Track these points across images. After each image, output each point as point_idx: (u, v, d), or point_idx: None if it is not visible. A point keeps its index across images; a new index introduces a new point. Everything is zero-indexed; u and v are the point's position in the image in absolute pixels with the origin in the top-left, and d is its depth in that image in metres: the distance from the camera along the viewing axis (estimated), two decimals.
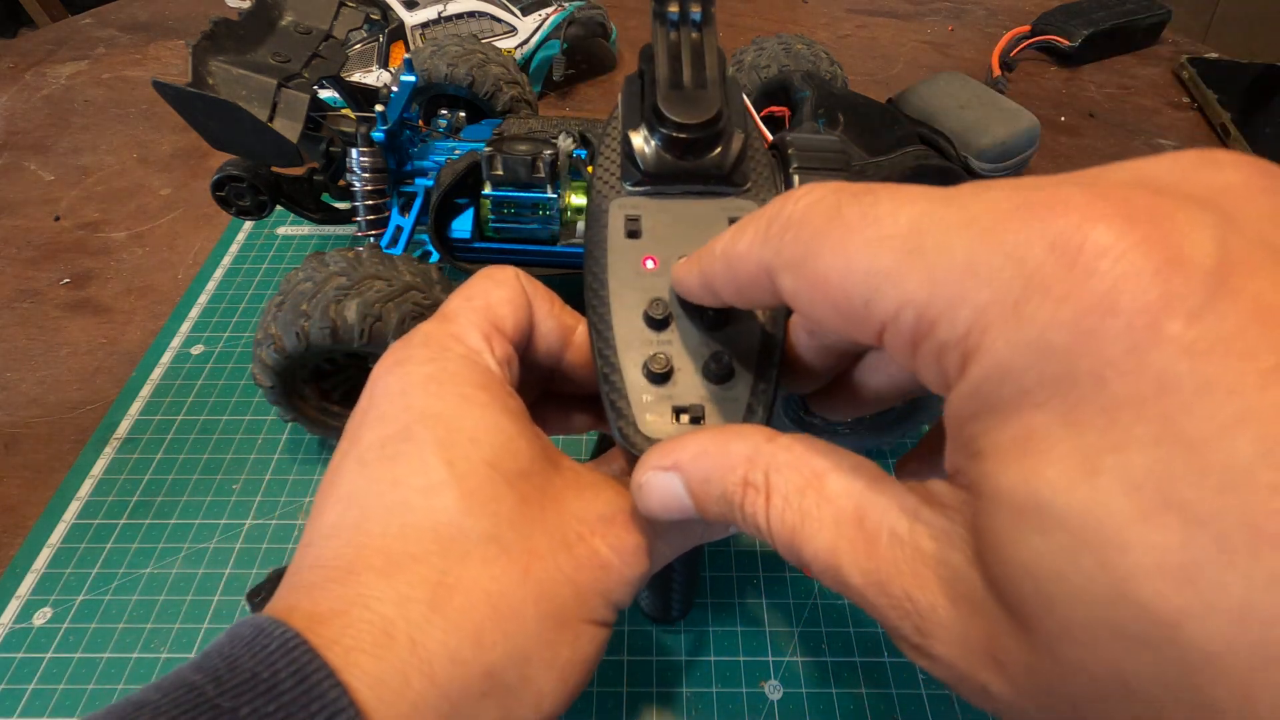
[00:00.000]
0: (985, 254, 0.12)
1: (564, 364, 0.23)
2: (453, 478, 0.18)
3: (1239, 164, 0.12)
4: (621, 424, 0.19)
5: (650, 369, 0.20)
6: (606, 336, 0.20)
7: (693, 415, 0.19)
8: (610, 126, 0.24)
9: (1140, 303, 0.10)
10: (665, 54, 0.22)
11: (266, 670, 0.14)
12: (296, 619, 0.16)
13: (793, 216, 0.15)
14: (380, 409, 0.19)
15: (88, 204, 0.56)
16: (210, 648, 0.16)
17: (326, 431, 0.37)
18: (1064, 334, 0.11)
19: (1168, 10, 0.71)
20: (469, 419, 0.18)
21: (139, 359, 0.44)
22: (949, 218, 0.13)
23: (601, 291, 0.21)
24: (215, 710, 0.14)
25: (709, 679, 0.32)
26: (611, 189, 0.23)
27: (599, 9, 0.64)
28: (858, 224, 0.14)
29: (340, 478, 0.18)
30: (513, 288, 0.22)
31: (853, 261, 0.14)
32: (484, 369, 0.20)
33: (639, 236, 0.22)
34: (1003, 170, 0.52)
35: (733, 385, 0.20)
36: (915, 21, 0.77)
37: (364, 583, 0.16)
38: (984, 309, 0.12)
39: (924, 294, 0.13)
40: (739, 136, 0.22)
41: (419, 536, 0.17)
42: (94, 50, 0.73)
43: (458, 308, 0.21)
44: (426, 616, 0.16)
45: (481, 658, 0.16)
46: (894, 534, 0.14)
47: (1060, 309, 0.11)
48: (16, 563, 0.35)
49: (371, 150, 0.38)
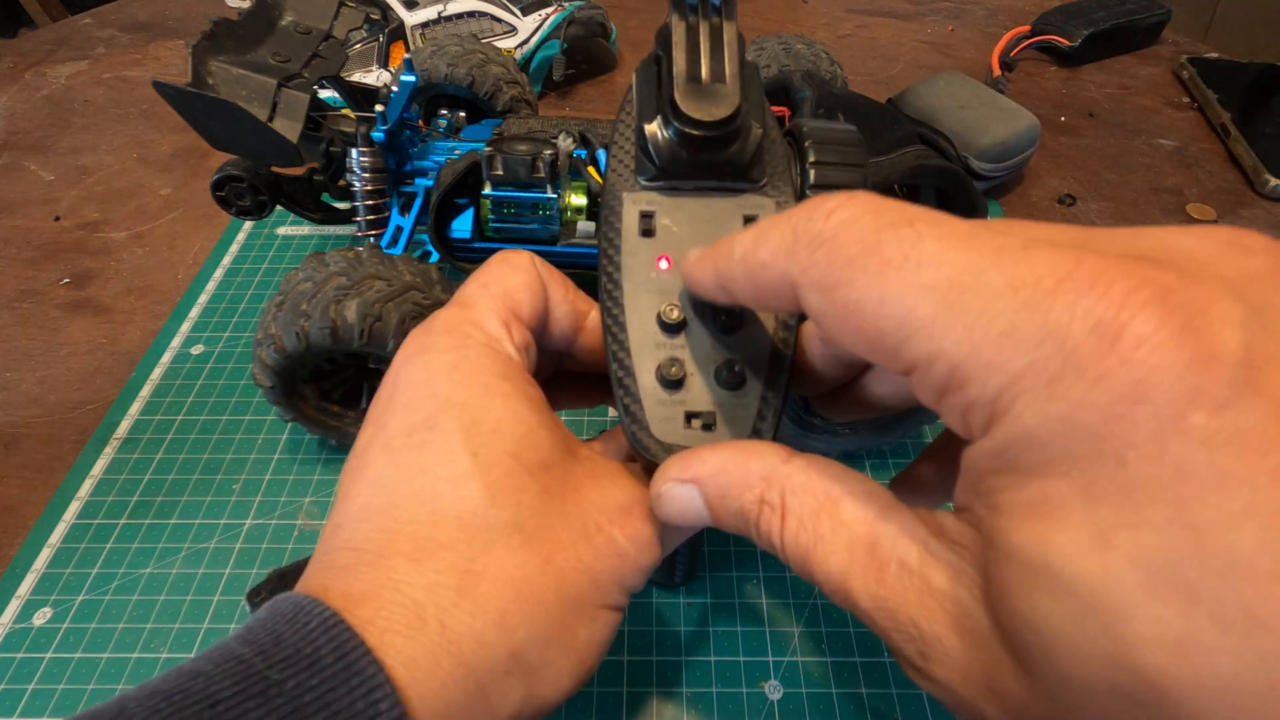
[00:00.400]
0: (1026, 325, 0.12)
1: (575, 347, 0.24)
2: (477, 468, 0.18)
3: (1269, 250, 0.13)
4: (635, 428, 0.20)
5: (664, 375, 0.20)
6: (621, 340, 0.21)
7: (704, 422, 0.20)
8: (624, 112, 0.24)
9: (1170, 394, 0.11)
10: (684, 43, 0.21)
11: (309, 646, 0.15)
12: (333, 598, 0.16)
13: (823, 234, 0.15)
14: (405, 396, 0.20)
15: (88, 204, 0.56)
16: (253, 622, 0.16)
17: (326, 431, 0.37)
18: (1094, 415, 0.11)
19: (1168, 10, 0.71)
20: (492, 409, 0.19)
21: (139, 359, 0.44)
22: (993, 280, 0.13)
23: (616, 293, 0.21)
24: (265, 681, 0.14)
25: (709, 679, 0.32)
26: (625, 180, 0.23)
27: (599, 9, 0.64)
28: (897, 263, 0.14)
29: (367, 462, 0.19)
30: (529, 273, 0.22)
31: (889, 303, 0.14)
32: (505, 357, 0.20)
33: (653, 235, 0.22)
34: (1003, 170, 0.52)
35: (744, 393, 0.20)
36: (915, 21, 0.77)
37: (395, 567, 0.17)
38: (1019, 376, 0.12)
39: (961, 353, 0.13)
40: (756, 130, 0.22)
41: (446, 524, 0.18)
42: (94, 50, 0.73)
43: (475, 294, 0.21)
44: (455, 601, 0.17)
45: (506, 640, 0.17)
46: (904, 564, 0.15)
47: (1093, 391, 0.11)
48: (16, 563, 0.35)
49: (371, 150, 0.38)
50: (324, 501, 0.38)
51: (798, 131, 0.24)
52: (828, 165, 0.23)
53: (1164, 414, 0.11)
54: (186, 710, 0.14)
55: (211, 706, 0.14)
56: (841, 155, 0.24)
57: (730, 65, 0.21)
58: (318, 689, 0.15)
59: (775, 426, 0.20)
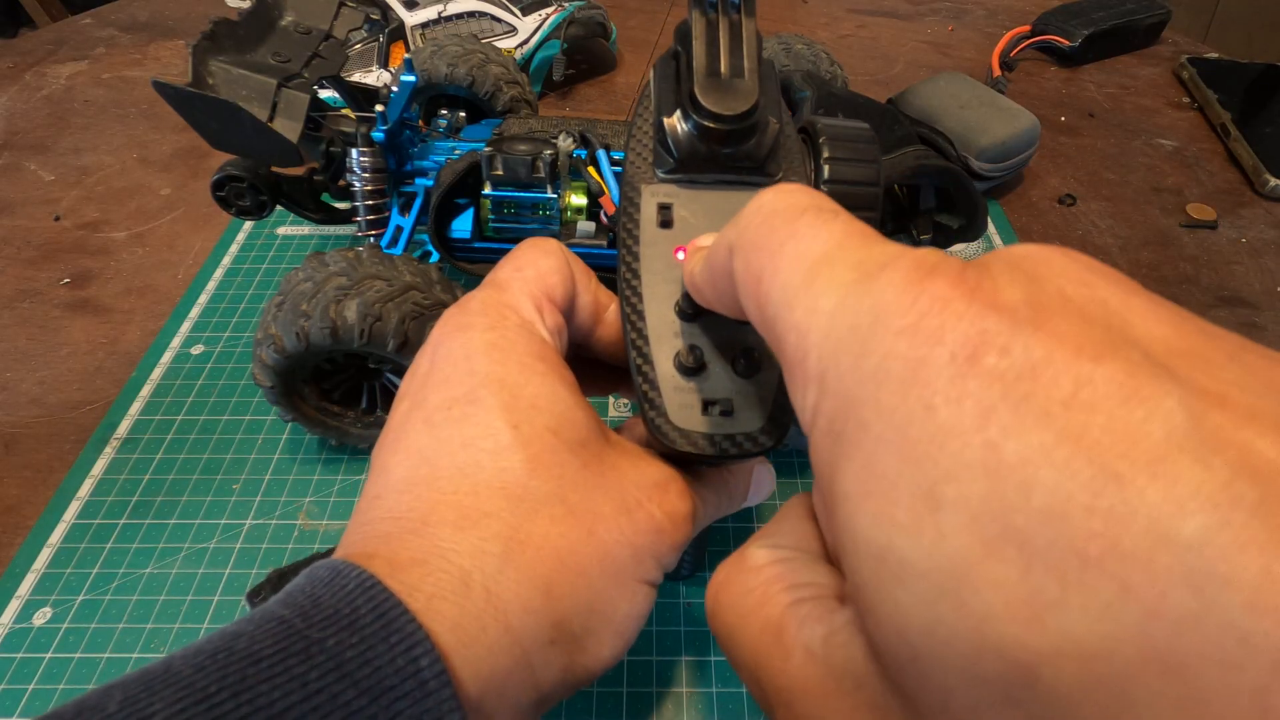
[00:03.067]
0: (854, 296, 0.13)
1: (594, 338, 0.24)
2: (518, 441, 0.19)
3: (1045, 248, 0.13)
4: (654, 415, 0.20)
5: (682, 362, 0.20)
6: (640, 328, 0.21)
7: (722, 409, 0.20)
8: (642, 106, 0.24)
9: (963, 337, 0.11)
10: (704, 38, 0.22)
11: (347, 607, 0.15)
12: (377, 565, 0.17)
13: (761, 207, 0.16)
14: (444, 372, 0.20)
15: (88, 204, 0.56)
16: (291, 586, 0.17)
17: (326, 431, 0.37)
18: (899, 363, 0.11)
19: (1168, 10, 0.71)
20: (530, 386, 0.19)
21: (139, 359, 0.44)
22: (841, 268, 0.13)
23: (635, 283, 0.21)
24: (305, 640, 0.15)
25: (709, 679, 0.32)
26: (643, 173, 0.23)
27: (599, 9, 0.64)
28: (802, 236, 0.14)
29: (407, 435, 0.19)
30: (560, 258, 0.23)
31: (780, 274, 0.14)
32: (540, 339, 0.21)
33: (671, 226, 0.22)
34: (1003, 170, 0.52)
35: (761, 380, 0.20)
36: (915, 21, 0.77)
37: (440, 535, 0.17)
38: (840, 341, 0.13)
39: (804, 325, 0.13)
40: (774, 125, 0.22)
41: (490, 494, 0.18)
42: (94, 50, 0.73)
43: (509, 277, 0.22)
44: (500, 568, 0.17)
45: (551, 608, 0.18)
46: (809, 651, 0.14)
47: (898, 341, 0.12)
48: (16, 563, 0.35)
49: (371, 150, 0.38)
50: (324, 501, 0.38)
51: (812, 128, 0.25)
52: (842, 161, 0.24)
53: (960, 355, 0.11)
54: (230, 666, 0.14)
55: (255, 663, 0.14)
56: (855, 151, 0.24)
57: (749, 61, 0.22)
58: (358, 646, 0.15)
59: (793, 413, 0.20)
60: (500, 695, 0.17)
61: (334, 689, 0.14)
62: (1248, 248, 0.52)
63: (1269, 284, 0.49)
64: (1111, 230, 0.53)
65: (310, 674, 0.14)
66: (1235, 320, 0.47)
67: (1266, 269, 0.50)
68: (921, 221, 0.43)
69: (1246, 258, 0.51)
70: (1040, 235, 0.53)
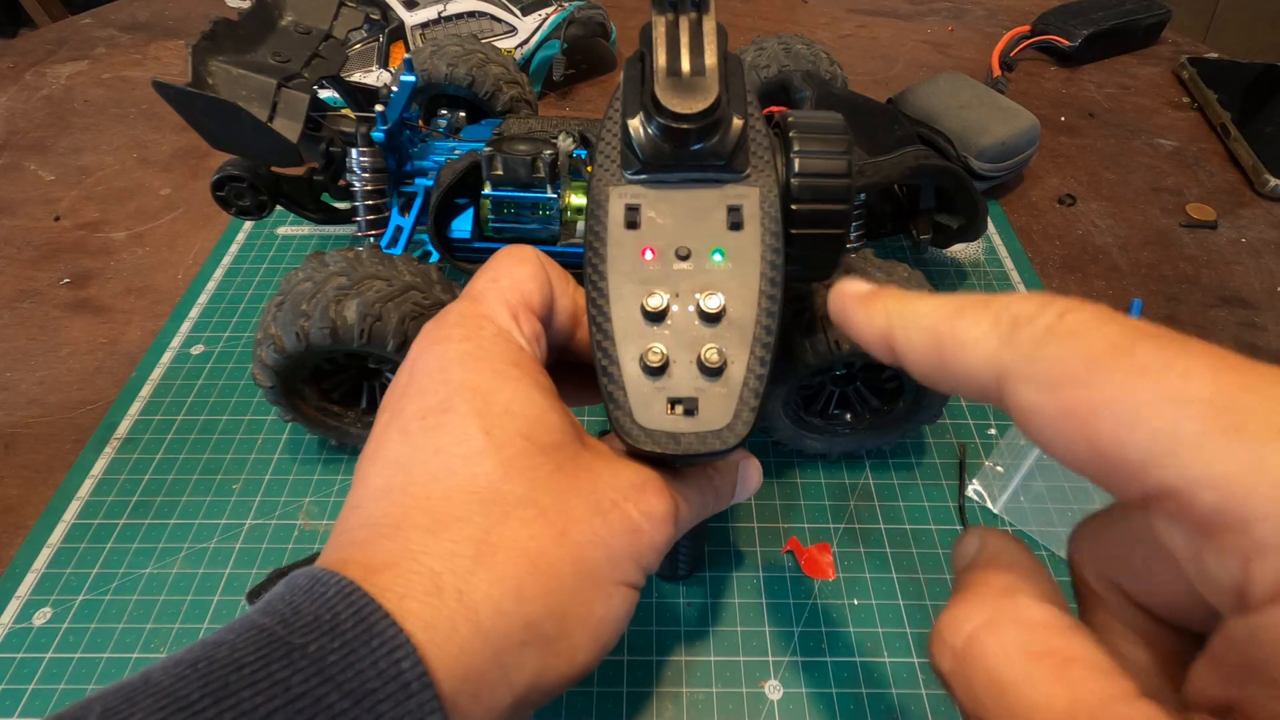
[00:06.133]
0: None
1: (575, 341, 0.24)
2: (491, 446, 0.19)
3: None
4: (618, 413, 0.20)
5: (646, 362, 0.20)
6: (605, 329, 0.21)
7: (686, 407, 0.20)
8: (612, 110, 0.24)
9: None
10: (663, 38, 0.22)
11: (328, 613, 0.16)
12: (352, 569, 0.17)
13: (1056, 329, 0.14)
14: (420, 383, 0.20)
15: (88, 204, 0.56)
16: (271, 595, 0.17)
17: (326, 431, 0.37)
18: None
19: (1168, 10, 0.71)
20: (504, 392, 0.20)
21: (139, 359, 0.44)
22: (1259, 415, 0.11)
23: (600, 284, 0.21)
24: (287, 646, 0.15)
25: (709, 679, 0.32)
26: (611, 176, 0.23)
27: (599, 9, 0.64)
28: (1157, 370, 0.12)
29: (384, 446, 0.20)
30: (535, 265, 0.23)
31: (1142, 412, 0.12)
32: (516, 346, 0.21)
33: (638, 227, 0.22)
34: (1003, 170, 0.52)
35: (726, 380, 0.21)
36: (915, 21, 0.77)
37: (412, 539, 0.18)
38: None
39: (1246, 482, 0.11)
40: (738, 122, 0.22)
41: (462, 499, 0.18)
42: (94, 50, 0.73)
43: (484, 288, 0.22)
44: (471, 570, 0.17)
45: (522, 610, 0.18)
46: None
47: None
48: (16, 563, 0.35)
49: (371, 150, 0.38)
50: (324, 501, 0.38)
51: (782, 121, 0.25)
52: (812, 154, 0.24)
53: None
54: (212, 674, 0.14)
55: (238, 670, 0.14)
56: (826, 143, 0.24)
57: (710, 58, 0.22)
58: (339, 650, 0.15)
59: (758, 411, 0.20)
60: (474, 696, 0.17)
61: (317, 692, 0.14)
62: (1248, 248, 0.52)
63: (1269, 284, 0.49)
64: (1111, 230, 0.53)
65: (293, 679, 0.14)
66: (1235, 320, 0.47)
67: (1266, 269, 0.50)
68: (921, 221, 0.43)
69: (1246, 258, 0.51)
70: (1040, 235, 0.53)
